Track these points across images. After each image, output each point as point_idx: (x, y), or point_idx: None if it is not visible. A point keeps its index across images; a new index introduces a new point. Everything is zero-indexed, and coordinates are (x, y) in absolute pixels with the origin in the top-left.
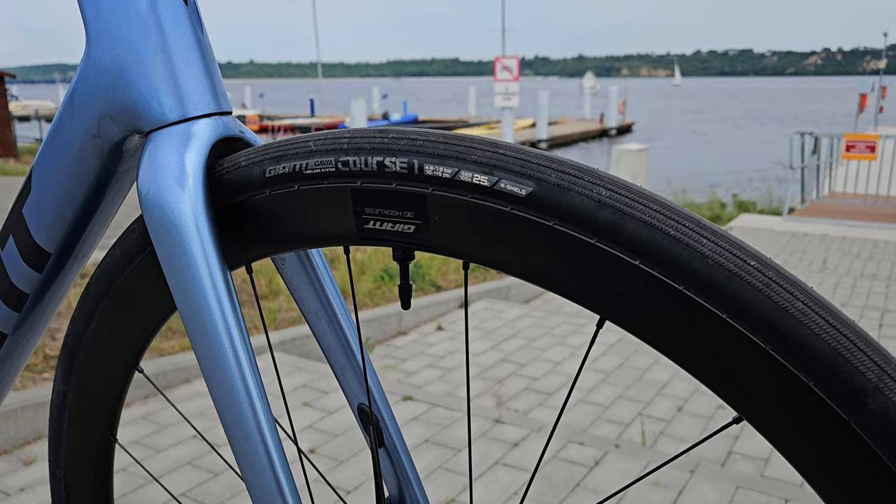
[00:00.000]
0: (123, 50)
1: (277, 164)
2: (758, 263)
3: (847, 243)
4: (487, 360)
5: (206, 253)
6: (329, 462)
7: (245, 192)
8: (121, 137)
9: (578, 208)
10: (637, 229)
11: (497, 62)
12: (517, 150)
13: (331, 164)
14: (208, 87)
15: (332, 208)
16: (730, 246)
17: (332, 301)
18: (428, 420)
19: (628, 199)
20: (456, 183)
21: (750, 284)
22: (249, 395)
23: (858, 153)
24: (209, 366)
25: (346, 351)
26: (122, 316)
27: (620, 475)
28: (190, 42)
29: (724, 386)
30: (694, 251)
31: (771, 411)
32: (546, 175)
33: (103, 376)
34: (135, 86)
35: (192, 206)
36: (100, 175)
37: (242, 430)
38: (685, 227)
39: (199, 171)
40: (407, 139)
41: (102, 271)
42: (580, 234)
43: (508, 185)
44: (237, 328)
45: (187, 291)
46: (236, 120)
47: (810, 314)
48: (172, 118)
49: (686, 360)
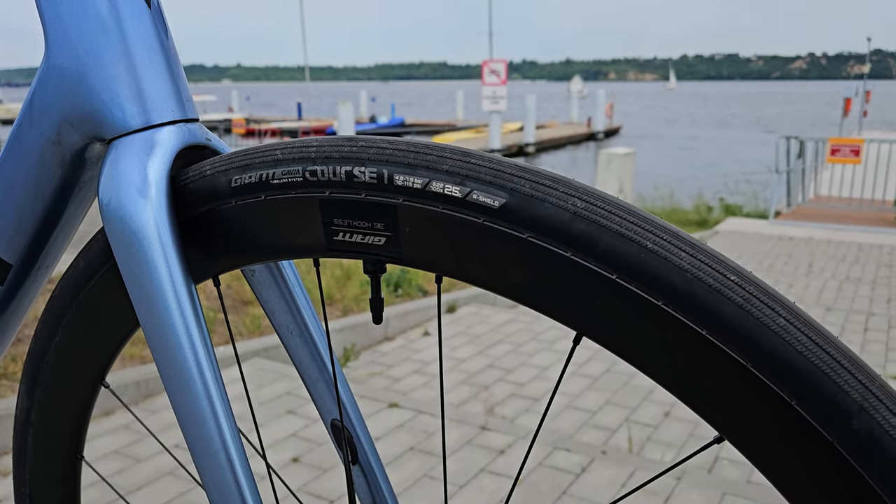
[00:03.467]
0: (84, 54)
1: (244, 174)
2: (738, 278)
3: (832, 247)
4: (474, 366)
5: (169, 266)
6: (312, 471)
7: (211, 202)
8: (82, 145)
9: (553, 220)
10: (614, 242)
11: (485, 66)
12: (490, 159)
13: (298, 173)
14: (172, 93)
15: (300, 219)
16: (709, 260)
17: (304, 314)
18: (413, 427)
19: (604, 210)
20: (427, 194)
21: (730, 300)
22: (215, 414)
23: (843, 157)
24: (172, 381)
25: (319, 365)
26: (86, 330)
27: (607, 482)
28: (153, 46)
29: (704, 404)
30: (672, 265)
31: (752, 430)
32: (519, 186)
33: (68, 391)
34: (95, 91)
35: (154, 217)
36: (61, 184)
37: (207, 449)
38: (663, 239)
39: (163, 180)
40: (376, 148)
41: (66, 283)
42: (555, 247)
43: (481, 196)
44: (202, 344)
45: (150, 306)
46: (203, 127)
47: (792, 331)
48: (135, 125)
49: (664, 377)
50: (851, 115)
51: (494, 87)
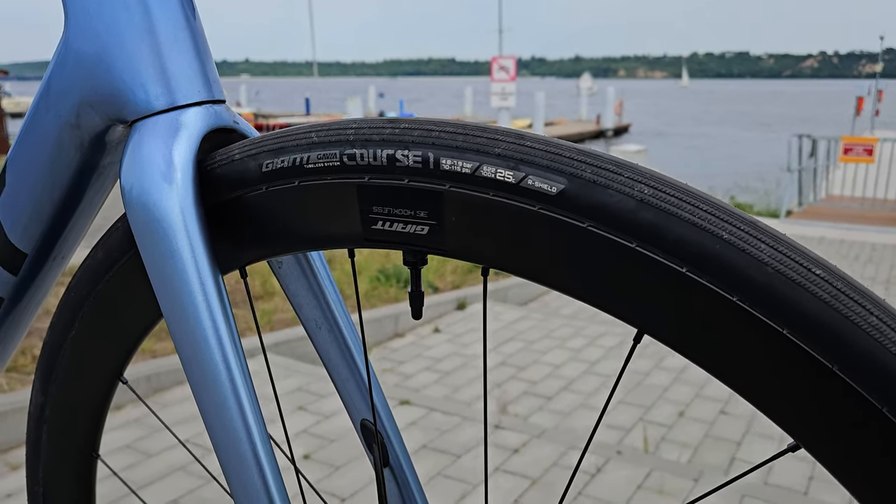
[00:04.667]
0: (105, 31)
1: (276, 158)
2: (824, 272)
3: (845, 246)
4: (486, 363)
5: (195, 255)
6: (324, 468)
7: (239, 188)
8: (102, 128)
9: (617, 208)
10: (685, 232)
11: (494, 62)
12: (547, 142)
13: (335, 157)
14: (199, 72)
15: (335, 207)
16: (792, 252)
17: (334, 308)
18: (426, 425)
19: (675, 197)
20: (476, 179)
21: (815, 296)
22: (242, 411)
23: (856, 156)
24: (198, 379)
25: (349, 363)
26: (104, 322)
27: (624, 482)
28: (179, 23)
29: (781, 410)
30: (751, 257)
31: (835, 439)
32: (580, 170)
33: (84, 387)
34: (117, 71)
35: (180, 204)
36: (80, 169)
37: (234, 449)
38: (741, 230)
39: (189, 164)
40: (421, 129)
41: (83, 274)
42: (618, 238)
43: (537, 181)
44: (229, 338)
45: (174, 297)
46: (230, 109)
47: (886, 331)
48: (159, 106)
49: (738, 381)
50: (863, 114)
51: (503, 84)
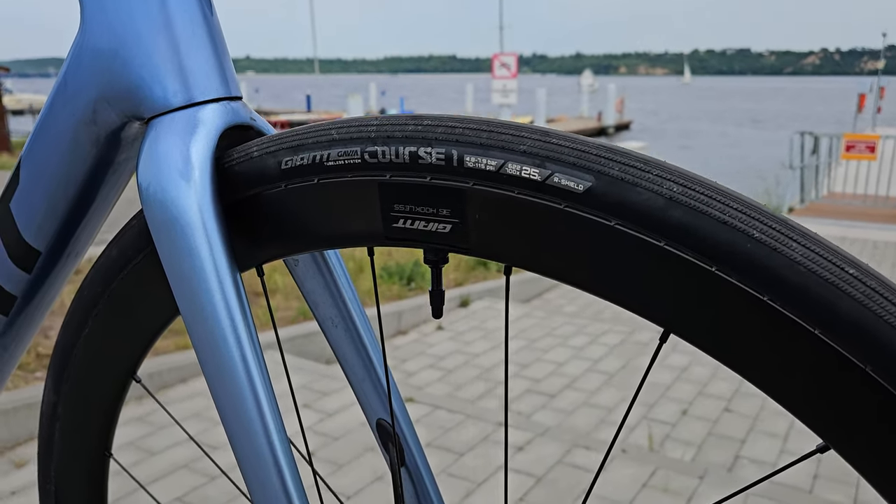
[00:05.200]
0: (121, 27)
1: (295, 155)
2: (857, 272)
3: (847, 244)
4: (488, 361)
5: (213, 253)
6: (329, 466)
7: (258, 185)
8: (119, 124)
9: (646, 206)
10: (715, 231)
11: (495, 59)
12: (573, 139)
13: (356, 154)
14: (216, 68)
15: (356, 205)
16: (824, 251)
17: (351, 307)
18: (430, 423)
19: (704, 195)
20: (501, 177)
21: (849, 295)
22: (260, 409)
23: (858, 153)
24: (216, 376)
25: (366, 362)
26: (118, 321)
27: (629, 481)
28: (196, 19)
29: (811, 410)
30: (783, 256)
31: (866, 441)
32: (607, 168)
33: (97, 386)
34: (134, 67)
35: (198, 201)
36: (95, 165)
37: (251, 446)
38: (772, 228)
39: (207, 161)
40: (444, 126)
41: (97, 272)
42: (647, 237)
43: (563, 179)
44: (247, 336)
45: (192, 295)
46: (247, 106)
47: None
48: (176, 103)
49: (768, 381)
50: (865, 111)
51: (504, 81)
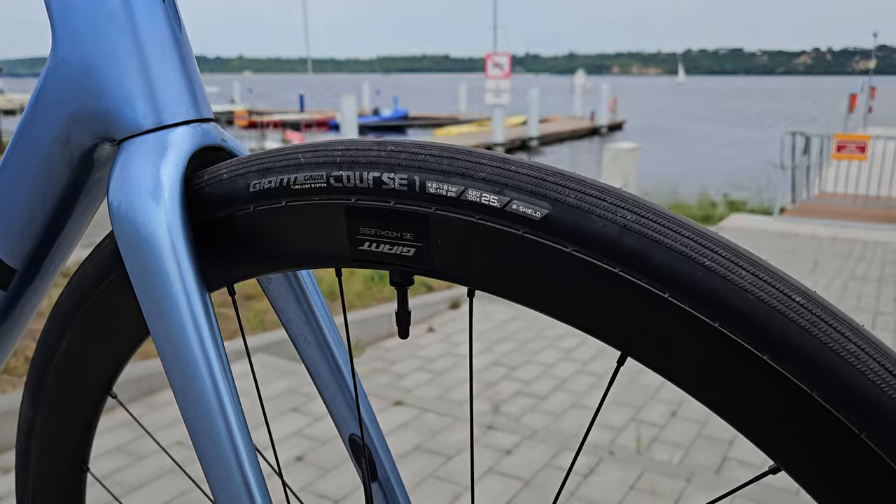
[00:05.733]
0: (93, 49)
1: (263, 178)
2: (803, 299)
3: (837, 244)
4: (479, 364)
5: (182, 274)
6: (316, 470)
7: (227, 207)
8: (91, 145)
9: (601, 234)
10: (667, 258)
11: (488, 59)
12: (531, 167)
13: (322, 178)
14: (187, 91)
15: (323, 227)
16: (773, 279)
17: (322, 324)
18: (419, 426)
19: (657, 223)
20: (462, 203)
21: (795, 323)
22: (229, 429)
23: (849, 153)
24: (185, 396)
25: (337, 377)
26: (93, 337)
27: (616, 484)
28: (166, 41)
29: (761, 434)
30: (732, 284)
31: (815, 463)
32: (564, 195)
33: (74, 401)
34: (106, 89)
35: (167, 222)
36: (69, 185)
37: (221, 465)
38: (722, 256)
39: (176, 183)
40: (407, 153)
41: (73, 288)
42: (602, 263)
43: (521, 206)
44: (217, 357)
45: (161, 316)
46: (218, 127)
47: (864, 357)
48: (147, 126)
49: (719, 404)
50: (856, 111)
51: (498, 81)
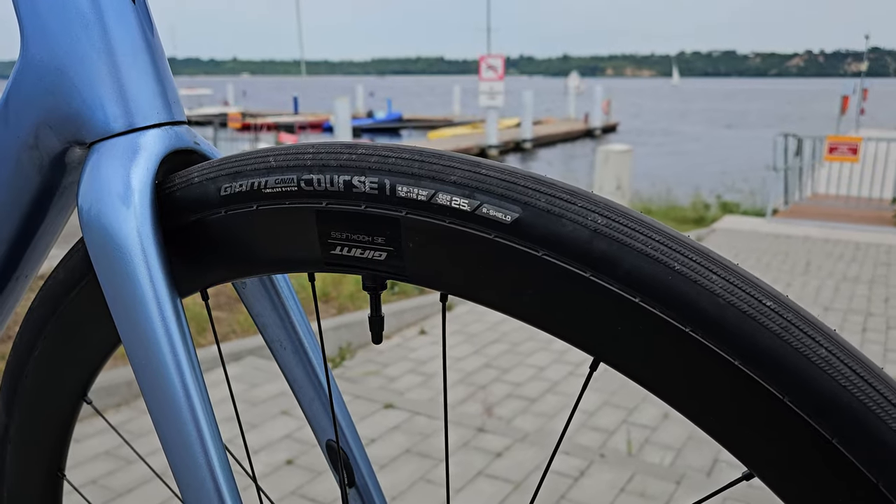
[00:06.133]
0: (63, 52)
1: (234, 182)
2: (775, 304)
3: (830, 245)
4: (470, 365)
5: (152, 279)
6: (306, 474)
7: (198, 211)
8: (61, 149)
9: (571, 238)
10: (638, 263)
11: (482, 61)
12: (502, 170)
13: (292, 182)
14: (158, 93)
15: (294, 231)
16: (744, 284)
17: (299, 329)
18: (409, 429)
19: (628, 227)
20: (432, 206)
21: (766, 328)
22: (201, 436)
23: (841, 155)
24: (156, 405)
25: (314, 383)
26: (67, 343)
27: (606, 486)
28: (137, 44)
29: (733, 439)
30: (702, 288)
31: (787, 469)
32: (534, 199)
33: (48, 407)
34: (76, 92)
35: (137, 227)
36: (41, 189)
37: (193, 475)
38: (693, 260)
39: (147, 187)
40: (377, 156)
41: (45, 294)
42: (573, 267)
43: (492, 210)
44: (188, 363)
45: (132, 322)
46: (191, 130)
47: (835, 362)
48: (117, 128)
49: (690, 409)
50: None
51: (491, 83)
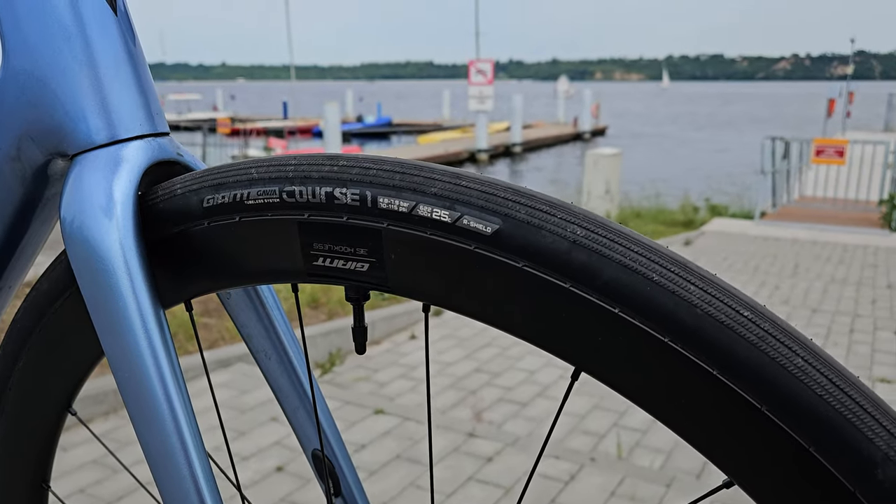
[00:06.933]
0: (44, 64)
1: (216, 193)
2: (752, 314)
3: (818, 247)
4: (461, 370)
5: (135, 290)
6: (296, 481)
7: (181, 223)
8: (43, 161)
9: (551, 249)
10: (617, 274)
11: (471, 66)
12: (482, 181)
13: (275, 193)
14: (141, 105)
15: (277, 243)
16: (721, 294)
17: (283, 339)
18: (400, 434)
19: (607, 239)
20: (413, 218)
21: (743, 338)
22: (185, 448)
23: (828, 158)
24: (139, 416)
25: (299, 392)
26: (51, 355)
27: (597, 490)
28: (120, 55)
29: (713, 448)
30: (681, 299)
31: (766, 478)
32: (514, 211)
33: (33, 419)
34: (58, 104)
35: (120, 239)
36: (23, 201)
37: (176, 484)
38: (671, 271)
39: (129, 199)
40: (359, 168)
41: (29, 305)
42: (553, 278)
43: (472, 221)
44: (171, 375)
45: (115, 334)
46: (174, 141)
47: (811, 372)
48: (99, 140)
49: (670, 418)
50: (835, 115)
51: (481, 87)
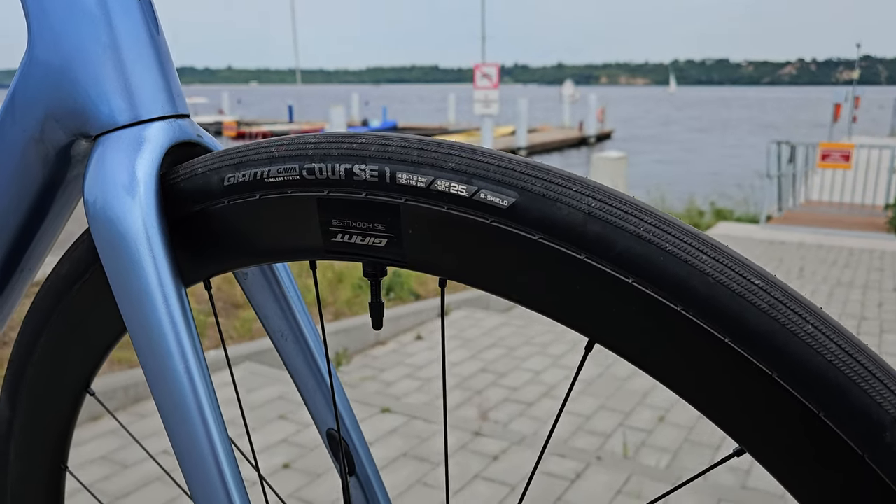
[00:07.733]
0: (69, 46)
1: (237, 172)
2: (763, 282)
3: (823, 251)
4: (467, 370)
5: (158, 268)
6: (304, 477)
7: (202, 201)
8: (67, 142)
9: (566, 221)
10: (630, 244)
11: (477, 70)
12: (498, 156)
13: (294, 171)
14: (162, 87)
15: (296, 220)
16: (732, 263)
17: (300, 319)
18: (406, 433)
19: (621, 210)
20: (431, 193)
21: (754, 305)
22: (206, 425)
23: (833, 162)
24: (161, 393)
25: (315, 373)
26: (71, 336)
27: (602, 489)
28: (143, 39)
29: (724, 416)
30: (693, 269)
31: (776, 444)
32: (530, 184)
33: (52, 400)
34: (81, 86)
35: (143, 217)
36: (46, 182)
37: (198, 462)
38: (684, 242)
39: (152, 178)
40: (378, 144)
41: (49, 287)
42: (568, 250)
43: (489, 195)
44: (192, 352)
45: (137, 311)
46: (194, 123)
47: (821, 338)
48: (122, 121)
49: (682, 387)
50: (841, 120)
51: (486, 91)
